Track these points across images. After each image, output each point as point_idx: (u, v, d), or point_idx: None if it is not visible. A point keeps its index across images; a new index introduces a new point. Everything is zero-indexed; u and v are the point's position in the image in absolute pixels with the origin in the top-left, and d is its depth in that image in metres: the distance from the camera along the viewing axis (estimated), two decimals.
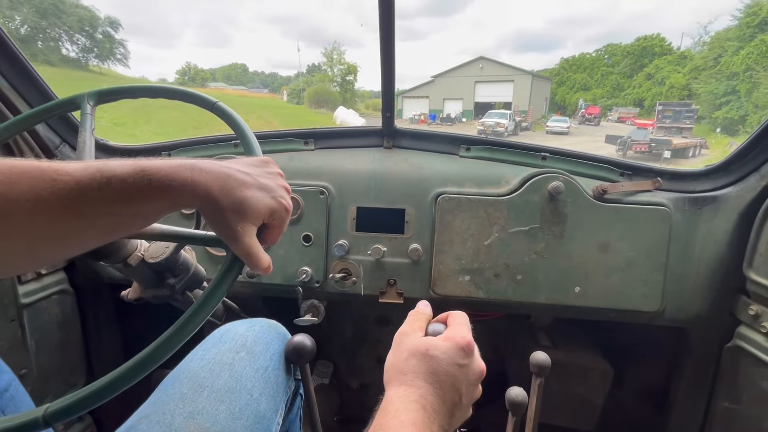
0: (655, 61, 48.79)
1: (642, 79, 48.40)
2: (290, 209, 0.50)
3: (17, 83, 0.96)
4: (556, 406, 1.22)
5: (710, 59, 35.37)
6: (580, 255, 1.03)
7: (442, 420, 0.44)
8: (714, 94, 32.51)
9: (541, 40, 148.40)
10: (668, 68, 45.44)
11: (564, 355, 1.23)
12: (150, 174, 0.40)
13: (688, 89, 39.88)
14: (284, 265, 1.11)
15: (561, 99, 54.79)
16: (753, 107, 28.51)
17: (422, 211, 1.08)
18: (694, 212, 1.03)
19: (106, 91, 0.70)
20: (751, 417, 0.93)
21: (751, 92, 29.36)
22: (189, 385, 0.62)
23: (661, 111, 27.90)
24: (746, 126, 28.35)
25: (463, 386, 0.47)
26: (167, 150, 1.21)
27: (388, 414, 0.43)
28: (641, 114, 41.19)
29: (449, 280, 1.07)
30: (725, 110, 30.82)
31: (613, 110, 42.40)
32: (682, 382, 1.13)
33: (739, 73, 29.95)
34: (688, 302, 1.03)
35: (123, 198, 0.40)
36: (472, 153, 1.14)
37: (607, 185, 1.02)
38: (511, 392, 0.78)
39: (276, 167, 0.53)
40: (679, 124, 26.90)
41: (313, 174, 1.13)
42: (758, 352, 0.91)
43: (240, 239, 0.45)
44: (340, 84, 43.32)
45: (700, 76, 38.35)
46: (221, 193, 0.43)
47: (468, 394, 0.48)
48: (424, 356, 0.48)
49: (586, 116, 37.47)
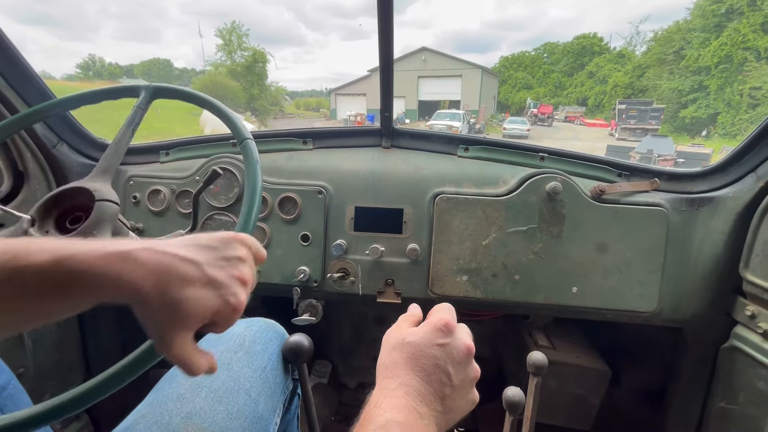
0: (595, 59, 48.17)
1: (584, 78, 47.60)
2: (240, 308, 0.42)
3: (14, 81, 0.96)
4: (553, 406, 1.23)
5: (669, 53, 33.02)
6: (578, 255, 1.04)
7: (431, 401, 0.43)
8: (679, 91, 30.09)
9: (478, 42, 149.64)
10: (608, 66, 44.69)
11: (561, 355, 1.23)
12: (70, 266, 0.34)
13: (632, 87, 38.91)
14: (282, 265, 1.11)
15: (504, 98, 53.46)
16: (724, 105, 26.49)
17: (420, 211, 1.08)
18: (692, 213, 1.03)
19: (164, 88, 0.74)
20: (747, 417, 0.94)
21: (723, 88, 27.08)
22: (186, 385, 0.62)
23: (624, 110, 25.15)
24: (717, 127, 26.34)
25: (448, 366, 0.45)
26: (165, 149, 1.21)
27: (369, 405, 0.42)
28: (586, 113, 40.13)
29: (447, 279, 1.07)
30: (692, 109, 28.59)
31: (560, 109, 40.34)
32: (678, 382, 1.14)
33: (711, 67, 27.74)
34: (685, 302, 1.04)
35: (35, 294, 0.34)
36: (470, 153, 1.14)
37: (604, 186, 1.03)
38: (509, 392, 0.78)
39: (241, 247, 0.44)
40: (645, 125, 24.42)
41: (311, 173, 1.13)
42: (754, 352, 0.91)
43: (169, 347, 0.38)
44: (243, 76, 30.94)
45: (645, 74, 36.75)
46: (154, 291, 0.36)
47: (458, 374, 0.46)
48: (402, 345, 0.47)
49: (539, 116, 34.51)
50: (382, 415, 0.39)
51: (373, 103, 34.66)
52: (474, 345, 0.49)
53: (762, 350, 0.89)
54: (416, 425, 0.39)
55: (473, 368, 0.48)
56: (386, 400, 0.41)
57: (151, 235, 1.14)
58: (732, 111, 26.16)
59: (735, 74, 26.57)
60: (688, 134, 27.62)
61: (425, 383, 0.44)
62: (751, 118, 24.26)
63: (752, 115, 24.72)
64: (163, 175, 1.16)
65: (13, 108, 0.97)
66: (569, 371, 1.21)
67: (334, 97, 38.84)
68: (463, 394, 0.46)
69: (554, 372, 1.20)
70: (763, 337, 0.90)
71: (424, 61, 35.80)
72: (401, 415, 0.39)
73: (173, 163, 1.20)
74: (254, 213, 0.56)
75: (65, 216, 0.61)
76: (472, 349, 0.48)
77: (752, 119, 24.12)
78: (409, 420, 0.39)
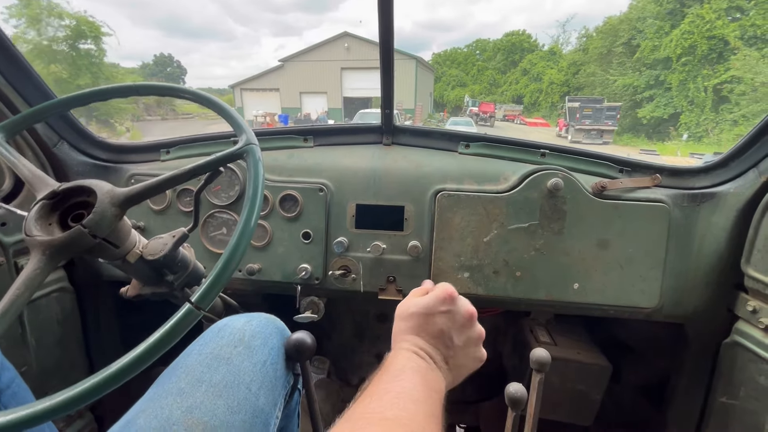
0: (527, 56, 46.52)
1: (518, 75, 45.79)
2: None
3: (15, 81, 0.96)
4: (554, 402, 1.23)
5: (617, 45, 29.30)
6: (579, 251, 1.03)
7: (439, 360, 0.49)
8: (633, 87, 26.62)
9: (411, 41, 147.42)
10: (541, 64, 42.95)
11: (563, 351, 1.24)
12: None
13: (568, 85, 36.95)
14: (284, 263, 1.11)
15: (439, 96, 51.58)
16: (687, 103, 23.38)
17: (421, 208, 1.08)
18: (693, 209, 1.03)
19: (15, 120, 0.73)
20: (748, 412, 0.94)
21: (686, 83, 23.45)
22: (187, 380, 0.62)
23: (577, 109, 21.82)
24: (680, 128, 23.50)
25: (452, 331, 0.51)
26: (165, 147, 1.21)
27: (385, 363, 0.48)
28: (524, 111, 37.98)
29: (448, 276, 1.07)
30: (650, 108, 25.12)
31: (498, 107, 36.77)
32: (680, 377, 1.14)
33: (672, 60, 23.94)
34: (687, 298, 1.04)
35: None
36: (471, 150, 1.14)
37: (606, 182, 1.02)
38: (511, 388, 0.79)
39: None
40: (600, 125, 21.38)
41: (312, 171, 1.13)
42: (756, 348, 0.91)
43: None
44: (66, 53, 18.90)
45: (581, 71, 34.41)
46: None
47: (461, 336, 0.52)
48: (410, 316, 0.53)
49: (480, 115, 30.60)
50: (399, 364, 0.45)
51: (289, 100, 30.00)
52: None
53: (763, 345, 0.89)
54: (428, 373, 0.46)
55: (477, 330, 0.54)
56: (393, 363, 0.47)
57: (152, 233, 1.14)
58: (696, 110, 23.08)
59: (698, 68, 23.30)
60: (651, 138, 24.92)
61: (432, 346, 0.50)
62: (718, 118, 21.87)
63: (721, 116, 21.71)
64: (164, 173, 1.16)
65: (13, 107, 0.97)
66: (571, 367, 1.21)
67: (239, 93, 30.93)
68: (468, 353, 0.53)
69: (556, 368, 1.20)
70: (764, 332, 0.90)
71: (347, 49, 29.61)
72: (414, 363, 0.46)
73: (174, 161, 1.20)
74: (254, 217, 0.57)
75: (67, 213, 0.61)
76: (474, 314, 0.54)
77: (719, 120, 21.71)
78: (422, 368, 0.46)
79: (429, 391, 0.45)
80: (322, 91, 30.04)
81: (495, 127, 28.99)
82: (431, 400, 0.45)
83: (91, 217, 0.56)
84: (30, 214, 0.58)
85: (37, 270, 0.54)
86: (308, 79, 29.90)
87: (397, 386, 0.46)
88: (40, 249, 0.55)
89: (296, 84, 30.09)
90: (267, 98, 30.10)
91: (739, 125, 19.69)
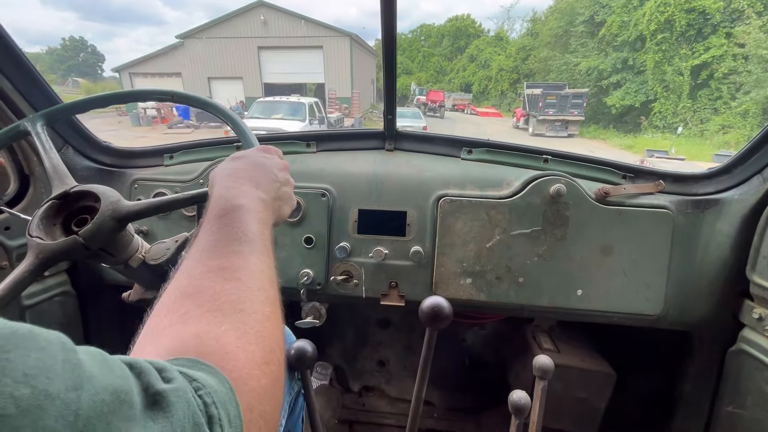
0: (474, 42, 43.84)
1: (465, 62, 42.72)
2: None
3: (21, 85, 0.97)
4: (558, 410, 1.22)
5: (577, 24, 24.92)
6: (582, 258, 1.03)
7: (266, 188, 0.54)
8: (599, 71, 22.27)
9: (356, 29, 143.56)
10: (488, 50, 40.07)
11: (566, 358, 1.22)
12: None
13: (518, 72, 34.31)
14: (286, 268, 1.11)
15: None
16: (662, 89, 19.51)
17: (424, 214, 1.08)
18: (697, 215, 1.02)
19: (54, 111, 0.74)
20: (755, 421, 0.92)
21: (660, 65, 19.44)
22: None
23: (540, 97, 18.45)
24: (653, 117, 19.65)
25: (273, 168, 0.58)
26: (169, 152, 1.22)
27: (213, 198, 0.50)
28: (473, 100, 34.48)
29: (451, 282, 1.07)
30: (619, 94, 21.02)
31: (447, 96, 31.81)
32: (685, 385, 1.13)
33: (647, 38, 19.80)
34: (691, 305, 1.03)
35: None
36: (473, 155, 1.14)
37: (609, 188, 1.02)
38: (514, 395, 0.78)
39: None
40: (566, 115, 18.16)
41: (314, 176, 1.13)
42: (762, 356, 0.90)
43: None
44: None
45: (530, 56, 31.81)
46: None
47: (280, 174, 0.59)
48: (237, 158, 0.58)
49: (428, 104, 26.33)
50: (229, 201, 0.48)
51: (195, 87, 22.29)
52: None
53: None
54: (256, 207, 0.49)
55: (288, 176, 0.62)
56: (230, 191, 0.49)
57: (155, 237, 1.14)
58: (672, 96, 19.16)
59: (676, 47, 19.22)
60: (619, 129, 21.23)
61: (258, 175, 0.55)
62: (696, 106, 18.36)
63: (699, 103, 18.10)
64: (168, 177, 1.16)
65: (19, 112, 0.98)
66: (574, 375, 1.20)
67: (127, 78, 23.73)
68: (286, 189, 0.59)
69: (559, 375, 1.19)
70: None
71: (264, 23, 22.71)
72: (245, 200, 0.48)
73: (177, 166, 1.21)
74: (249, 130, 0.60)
75: (71, 218, 0.61)
76: (287, 165, 0.62)
77: (697, 108, 18.29)
78: (252, 204, 0.48)
79: (261, 226, 0.48)
80: (236, 76, 23.64)
81: (445, 118, 25.78)
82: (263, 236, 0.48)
83: (89, 228, 0.57)
84: (38, 212, 0.59)
85: (26, 273, 0.55)
86: (218, 60, 23.42)
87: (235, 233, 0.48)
88: (34, 251, 0.56)
89: (203, 67, 23.40)
90: (166, 85, 18.96)
91: (749, 117, 15.89)
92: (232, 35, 22.95)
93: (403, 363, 1.66)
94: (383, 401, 1.63)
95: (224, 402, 0.28)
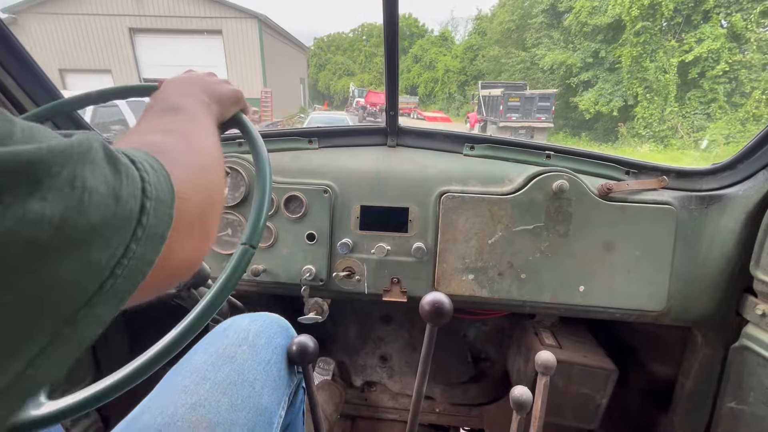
0: (417, 41, 40.83)
1: (410, 63, 39.48)
2: None
3: (23, 82, 0.97)
4: (559, 405, 1.22)
5: (536, 14, 21.40)
6: (585, 254, 1.03)
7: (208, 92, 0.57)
8: (567, 66, 18.42)
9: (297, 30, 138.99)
10: (434, 50, 37.46)
11: (568, 354, 1.23)
12: None
13: (465, 73, 31.72)
14: (288, 264, 1.11)
15: (325, 86, 45.62)
16: (643, 88, 15.90)
17: (426, 210, 1.08)
18: (701, 211, 1.02)
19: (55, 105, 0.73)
20: (757, 417, 0.92)
21: (640, 61, 15.78)
22: (191, 378, 0.62)
23: (501, 98, 15.19)
24: (636, 123, 15.89)
25: (213, 79, 0.61)
26: None
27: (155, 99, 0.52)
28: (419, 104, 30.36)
29: (453, 278, 1.07)
30: (592, 98, 16.96)
31: None
32: (687, 381, 1.13)
33: (626, 25, 15.82)
34: (694, 302, 1.02)
35: None
36: (476, 151, 1.14)
37: (612, 184, 1.02)
38: (516, 391, 0.78)
39: None
40: (532, 121, 15.00)
41: (317, 172, 1.13)
42: (765, 352, 0.90)
43: None
44: None
45: (479, 56, 29.45)
46: None
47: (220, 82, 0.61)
48: (181, 75, 0.61)
49: (367, 108, 21.13)
50: (170, 99, 0.51)
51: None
52: None
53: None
54: (196, 111, 0.51)
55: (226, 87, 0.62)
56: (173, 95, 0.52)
57: None
58: (657, 99, 15.59)
59: (660, 38, 15.55)
60: (597, 139, 17.46)
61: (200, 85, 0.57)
62: (685, 111, 14.88)
63: (689, 106, 14.69)
64: None
65: (22, 108, 0.98)
66: (576, 370, 1.20)
67: None
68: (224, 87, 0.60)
69: (561, 371, 1.19)
70: None
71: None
72: (186, 101, 0.51)
73: None
74: (261, 222, 0.56)
75: None
76: (228, 87, 0.62)
77: (686, 113, 14.87)
78: (193, 107, 0.51)
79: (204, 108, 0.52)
80: (102, 69, 17.40)
81: None
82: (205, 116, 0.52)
83: None
84: None
85: None
86: (72, 46, 17.18)
87: None
88: None
89: (51, 55, 16.79)
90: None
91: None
92: (90, 11, 16.57)
93: (406, 359, 1.66)
94: (385, 396, 1.64)
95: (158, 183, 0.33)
